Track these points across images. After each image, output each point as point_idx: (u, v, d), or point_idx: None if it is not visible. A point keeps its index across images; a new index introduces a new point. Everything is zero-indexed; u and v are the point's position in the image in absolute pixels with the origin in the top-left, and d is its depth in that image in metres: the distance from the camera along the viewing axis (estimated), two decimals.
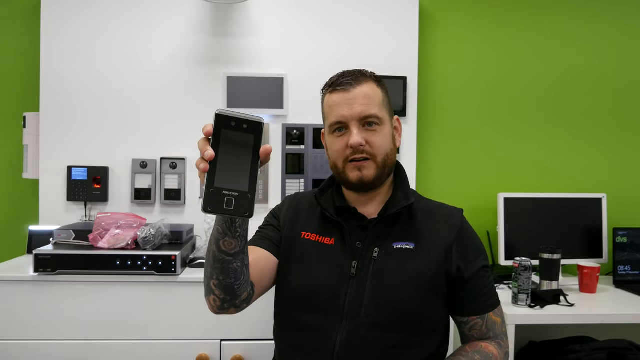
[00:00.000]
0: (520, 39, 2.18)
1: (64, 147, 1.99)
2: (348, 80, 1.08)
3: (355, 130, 1.06)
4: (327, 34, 2.05)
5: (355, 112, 1.06)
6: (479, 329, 1.12)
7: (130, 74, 2.01)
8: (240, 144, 0.79)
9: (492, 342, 1.11)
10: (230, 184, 0.78)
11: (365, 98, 1.07)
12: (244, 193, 0.79)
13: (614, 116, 2.20)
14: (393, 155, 1.12)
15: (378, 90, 1.10)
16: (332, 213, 1.11)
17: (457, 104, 2.17)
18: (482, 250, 1.15)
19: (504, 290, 1.84)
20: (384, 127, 1.09)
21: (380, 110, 1.08)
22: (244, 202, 0.79)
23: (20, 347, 1.57)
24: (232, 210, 0.78)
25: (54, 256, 1.58)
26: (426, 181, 2.13)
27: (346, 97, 1.07)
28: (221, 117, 0.78)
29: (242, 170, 0.79)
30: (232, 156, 0.79)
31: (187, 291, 1.60)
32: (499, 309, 1.14)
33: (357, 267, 1.06)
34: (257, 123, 0.79)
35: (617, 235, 2.01)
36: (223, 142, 0.79)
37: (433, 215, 1.13)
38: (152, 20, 2.01)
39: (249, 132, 0.79)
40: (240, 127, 0.79)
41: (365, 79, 1.09)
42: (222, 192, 0.78)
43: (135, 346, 1.59)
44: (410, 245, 1.07)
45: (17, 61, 2.07)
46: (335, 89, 1.09)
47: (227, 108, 0.72)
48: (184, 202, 2.03)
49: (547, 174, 2.19)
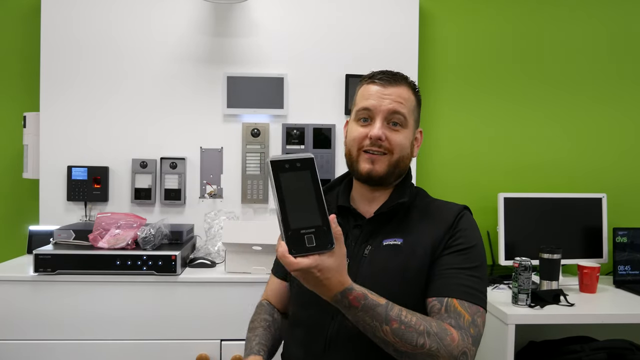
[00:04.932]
0: (521, 38, 2.18)
1: (64, 147, 1.99)
2: (388, 77, 1.11)
3: (378, 124, 1.08)
4: (327, 34, 2.05)
5: (384, 106, 1.08)
6: (437, 312, 1.00)
7: (130, 74, 2.01)
8: (300, 182, 0.83)
9: (455, 329, 0.96)
10: (305, 222, 0.82)
11: (400, 97, 1.09)
12: (319, 227, 0.83)
13: (614, 116, 2.21)
14: (407, 160, 1.14)
15: (412, 97, 1.13)
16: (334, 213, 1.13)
17: (457, 103, 2.17)
18: (470, 240, 1.07)
19: (504, 290, 1.84)
20: (407, 131, 1.11)
21: (408, 113, 1.11)
22: (323, 235, 0.83)
23: (21, 347, 1.57)
24: (314, 246, 0.82)
25: (54, 256, 1.58)
26: (426, 181, 2.13)
27: (381, 91, 1.10)
28: (275, 162, 0.82)
29: (310, 206, 0.83)
30: (297, 196, 0.83)
31: (187, 291, 1.60)
32: (472, 306, 1.00)
33: (349, 264, 1.07)
34: (308, 159, 0.83)
35: (617, 235, 2.01)
36: (285, 186, 0.82)
37: (429, 212, 1.13)
38: (152, 20, 2.01)
39: (304, 169, 0.83)
40: (294, 167, 0.83)
41: (404, 82, 1.13)
42: (300, 232, 0.82)
43: (136, 346, 1.59)
44: (398, 241, 1.08)
45: (17, 61, 2.07)
46: (374, 81, 1.12)
47: (279, 154, 0.81)
48: (184, 202, 2.03)
49: (547, 173, 2.19)
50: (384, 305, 0.92)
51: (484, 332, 1.02)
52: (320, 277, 0.85)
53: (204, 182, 2.04)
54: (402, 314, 0.93)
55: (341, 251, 0.86)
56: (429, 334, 0.92)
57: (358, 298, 0.90)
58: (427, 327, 0.93)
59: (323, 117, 2.05)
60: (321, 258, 0.83)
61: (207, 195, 2.04)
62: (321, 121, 2.05)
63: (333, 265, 0.85)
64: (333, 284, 0.87)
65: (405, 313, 0.94)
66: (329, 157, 2.04)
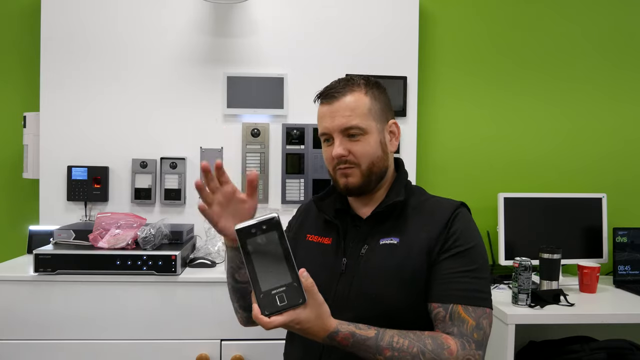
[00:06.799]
0: (521, 38, 2.18)
1: (64, 147, 1.99)
2: (333, 92, 1.10)
3: (337, 142, 1.09)
4: (327, 34, 2.05)
5: (336, 124, 1.09)
6: (441, 320, 1.01)
7: (130, 74, 2.01)
8: (268, 244, 0.85)
9: (455, 338, 0.98)
10: (275, 283, 0.85)
11: (347, 110, 1.08)
12: (289, 284, 0.85)
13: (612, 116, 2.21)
14: (381, 162, 1.12)
15: (365, 99, 1.10)
16: (331, 216, 1.16)
17: (458, 103, 2.17)
18: (469, 240, 1.06)
19: (504, 290, 1.84)
20: (369, 136, 1.09)
21: (363, 120, 1.09)
22: (293, 291, 0.85)
23: (20, 347, 1.57)
24: (286, 304, 0.85)
25: (54, 256, 1.58)
26: (426, 181, 2.13)
27: (330, 109, 1.10)
28: (241, 230, 0.84)
29: (280, 265, 0.85)
30: (266, 257, 0.85)
31: (187, 291, 1.61)
32: (476, 310, 1.01)
33: (346, 264, 1.10)
34: (272, 219, 0.85)
35: (617, 235, 2.01)
36: (253, 250, 0.85)
37: (425, 210, 1.12)
38: (152, 20, 2.01)
39: (270, 230, 0.85)
40: (260, 229, 0.85)
41: (352, 88, 1.11)
42: (271, 293, 0.84)
43: (135, 346, 1.59)
44: (394, 240, 1.09)
45: (17, 61, 2.07)
46: (322, 101, 1.13)
47: (243, 222, 0.83)
48: (184, 202, 2.03)
49: (547, 172, 2.19)
50: (374, 337, 0.96)
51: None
52: (301, 328, 0.89)
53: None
54: (394, 341, 0.96)
55: (316, 301, 0.90)
56: (423, 353, 0.95)
57: (346, 338, 0.94)
58: (421, 348, 0.96)
59: None
60: (296, 312, 0.87)
61: None
62: None
63: (310, 316, 0.89)
64: (316, 331, 0.91)
65: (397, 338, 0.96)
66: None
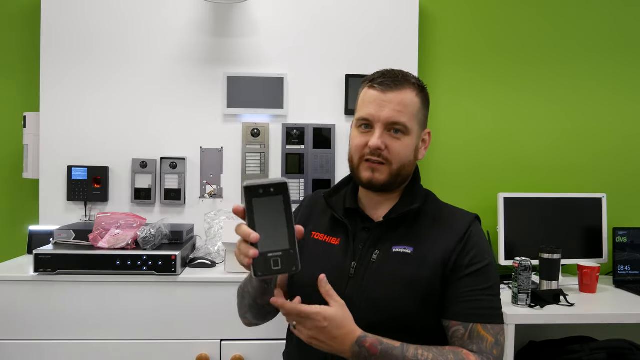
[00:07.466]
0: (521, 35, 2.18)
1: (64, 147, 1.99)
2: (389, 82, 1.06)
3: (378, 133, 1.04)
4: (327, 34, 2.05)
5: (383, 115, 1.04)
6: (460, 337, 1.02)
7: (130, 74, 2.01)
8: (272, 207, 0.85)
9: (476, 355, 0.99)
10: (272, 246, 0.85)
11: (400, 105, 1.04)
12: (287, 250, 0.85)
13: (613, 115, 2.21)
14: (410, 167, 1.10)
15: (416, 100, 1.07)
16: (341, 214, 1.12)
17: (457, 102, 2.17)
18: (485, 257, 1.06)
19: (504, 290, 1.83)
20: (409, 138, 1.07)
21: (410, 120, 1.06)
22: (289, 258, 0.85)
23: (20, 347, 1.57)
24: (280, 269, 0.84)
25: (54, 256, 1.58)
26: (426, 181, 2.11)
27: (381, 97, 1.05)
28: (249, 187, 0.84)
29: (280, 230, 0.85)
30: (268, 219, 0.85)
31: (187, 291, 1.60)
32: (495, 327, 1.02)
33: (356, 268, 1.06)
34: (281, 184, 0.85)
35: (617, 235, 2.01)
36: (257, 210, 0.85)
37: (439, 220, 1.10)
38: (152, 20, 2.01)
39: (277, 194, 0.85)
40: (267, 191, 0.85)
41: (407, 85, 1.07)
42: (267, 255, 0.84)
43: (135, 346, 1.59)
44: (408, 250, 1.06)
45: (17, 61, 2.07)
46: (373, 86, 1.07)
47: (252, 180, 0.84)
48: (184, 202, 2.03)
49: (547, 172, 2.19)
50: (400, 348, 0.96)
51: None
52: (328, 327, 0.88)
53: (204, 182, 2.04)
54: (419, 353, 0.96)
55: (338, 303, 0.92)
56: None
57: (374, 344, 0.94)
58: None
59: (323, 117, 2.04)
60: (322, 307, 0.87)
61: (207, 195, 2.04)
62: (321, 121, 2.05)
63: (337, 315, 0.89)
64: (343, 336, 0.91)
65: (421, 351, 0.97)
66: (329, 157, 2.04)
